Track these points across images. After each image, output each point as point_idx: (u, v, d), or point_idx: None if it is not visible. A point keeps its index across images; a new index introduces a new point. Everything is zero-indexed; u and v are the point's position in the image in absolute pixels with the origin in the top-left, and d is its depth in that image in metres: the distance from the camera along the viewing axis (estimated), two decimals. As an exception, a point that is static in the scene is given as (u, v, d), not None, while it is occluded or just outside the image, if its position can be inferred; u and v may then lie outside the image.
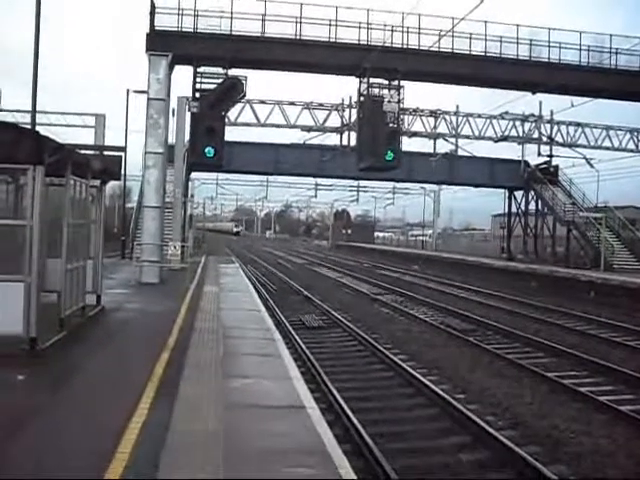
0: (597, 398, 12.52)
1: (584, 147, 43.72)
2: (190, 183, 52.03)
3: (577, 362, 16.27)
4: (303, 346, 16.74)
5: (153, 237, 26.62)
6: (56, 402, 8.02)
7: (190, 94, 28.70)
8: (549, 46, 31.36)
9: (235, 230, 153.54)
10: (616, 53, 31.99)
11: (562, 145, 44.11)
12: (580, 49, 31.79)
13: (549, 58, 31.36)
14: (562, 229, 47.33)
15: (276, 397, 8.57)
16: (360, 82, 30.62)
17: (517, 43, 31.09)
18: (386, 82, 30.30)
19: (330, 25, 29.29)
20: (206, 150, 27.77)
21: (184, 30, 28.23)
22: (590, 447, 10.08)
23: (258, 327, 14.48)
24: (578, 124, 43.53)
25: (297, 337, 18.06)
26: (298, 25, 29.11)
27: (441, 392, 12.52)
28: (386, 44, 28.42)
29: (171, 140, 29.52)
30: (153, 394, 8.42)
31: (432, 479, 8.90)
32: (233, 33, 28.51)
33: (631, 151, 44.18)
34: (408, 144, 37.82)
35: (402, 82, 30.25)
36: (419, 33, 29.73)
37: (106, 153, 16.48)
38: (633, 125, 44.83)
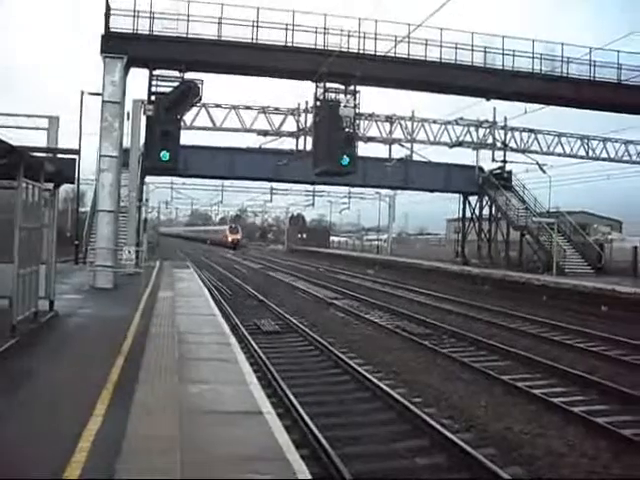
0: (550, 400, 12.69)
1: (537, 153, 44.40)
2: (145, 187, 51.52)
3: (530, 364, 16.47)
4: (259, 351, 16.66)
5: (107, 241, 26.31)
6: (7, 409, 7.86)
7: (145, 97, 28.42)
8: (503, 54, 31.78)
9: (232, 239, 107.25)
10: (567, 62, 32.55)
11: (516, 151, 44.72)
12: (533, 57, 32.27)
13: (503, 65, 31.77)
14: (515, 234, 48.03)
15: (233, 402, 8.52)
16: (316, 87, 30.64)
17: (472, 50, 31.42)
18: (342, 87, 30.36)
19: (287, 29, 29.25)
20: (161, 154, 27.51)
21: (140, 32, 27.92)
22: (544, 448, 10.21)
23: (214, 332, 14.39)
24: (531, 130, 44.18)
25: (253, 342, 17.98)
26: (255, 29, 29.02)
27: (397, 396, 12.55)
28: (342, 49, 28.50)
29: (126, 143, 29.21)
30: (108, 401, 8.31)
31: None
32: (189, 36, 28.30)
33: (582, 157, 45.00)
34: (364, 149, 37.99)
35: (358, 87, 30.34)
36: (375, 39, 29.86)
37: (59, 156, 16.23)
38: (584, 132, 45.75)
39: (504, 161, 45.91)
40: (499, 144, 44.19)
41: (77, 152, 18.67)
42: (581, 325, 23.31)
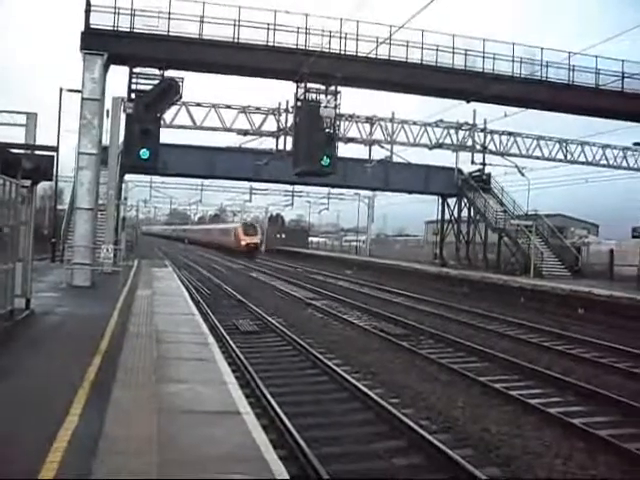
0: (527, 401, 12.77)
1: (516, 156, 44.59)
2: (124, 185, 51.25)
3: (508, 366, 16.56)
4: (237, 351, 16.63)
5: (85, 239, 26.12)
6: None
7: (125, 95, 28.24)
8: (483, 57, 31.94)
9: (247, 242, 79.49)
10: (547, 66, 32.75)
11: (495, 154, 44.87)
12: (513, 60, 32.43)
13: (483, 68, 31.93)
14: (494, 236, 48.25)
15: (211, 402, 8.48)
16: (297, 87, 30.58)
17: (453, 53, 31.53)
18: (323, 87, 30.34)
19: (268, 29, 29.18)
20: (141, 152, 27.31)
21: (120, 30, 27.74)
22: (521, 449, 10.28)
23: (192, 331, 14.32)
24: (510, 133, 44.39)
25: (231, 342, 17.93)
26: (236, 28, 28.93)
27: (375, 396, 12.57)
28: (324, 49, 28.50)
29: (105, 141, 29.01)
30: (84, 401, 8.24)
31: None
32: (170, 34, 28.14)
33: (560, 160, 45.31)
34: (344, 150, 37.95)
35: (339, 88, 30.33)
36: (357, 40, 29.88)
37: (37, 153, 16.09)
38: (562, 136, 46.07)
39: (483, 164, 46.07)
40: (479, 146, 44.34)
41: (55, 149, 18.55)
42: (558, 327, 23.50)
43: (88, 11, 27.23)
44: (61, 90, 35.66)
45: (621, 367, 16.79)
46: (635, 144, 44.34)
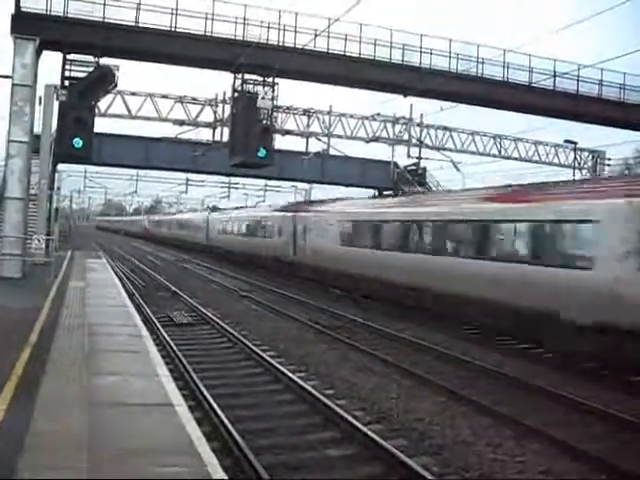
0: (459, 392, 12.99)
1: (451, 151, 45.19)
2: (57, 175, 50.14)
3: (441, 357, 16.80)
4: (171, 343, 16.48)
5: (16, 230, 25.48)
6: None
7: (59, 82, 27.62)
8: (421, 52, 32.20)
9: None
10: (482, 62, 33.24)
11: (431, 148, 45.37)
12: (450, 56, 32.81)
13: (420, 63, 32.19)
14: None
15: (143, 395, 8.41)
16: (235, 78, 30.36)
17: (390, 47, 31.70)
18: (261, 79, 30.21)
19: (206, 19, 28.86)
20: (74, 141, 26.75)
21: (53, 14, 27.06)
22: (453, 438, 10.47)
23: (125, 324, 14.18)
24: (446, 128, 44.99)
25: (165, 334, 17.76)
26: (174, 17, 28.55)
27: (310, 388, 12.62)
28: (262, 41, 28.35)
29: (38, 129, 28.33)
30: (11, 395, 8.06)
31: (301, 475, 8.95)
32: (106, 20, 27.58)
33: (494, 156, 46.14)
34: (281, 142, 37.90)
35: (277, 80, 30.26)
36: (295, 31, 29.77)
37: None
38: (497, 131, 46.94)
39: (419, 157, 46.55)
40: (415, 141, 44.80)
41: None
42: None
43: (19, -7, 26.51)
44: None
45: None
46: (566, 141, 45.51)
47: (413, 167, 48.55)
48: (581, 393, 13.03)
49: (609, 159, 49.67)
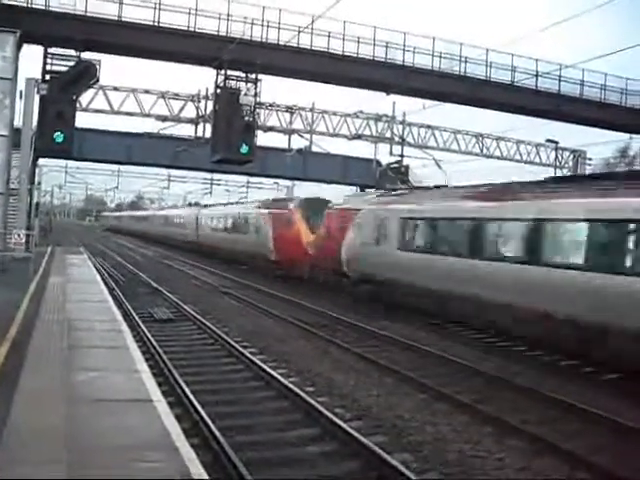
0: (440, 389, 13.04)
1: (433, 149, 45.35)
2: (37, 170, 49.84)
3: (423, 355, 16.85)
4: (152, 339, 16.42)
5: (-6, 224, 25.38)
6: None
7: (40, 76, 27.44)
8: (404, 50, 32.31)
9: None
10: (465, 61, 33.41)
11: (413, 146, 45.51)
12: (433, 55, 32.93)
13: (404, 61, 32.30)
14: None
15: (123, 391, 8.38)
16: (217, 74, 30.34)
17: (374, 45, 31.79)
18: (243, 75, 30.20)
19: (190, 14, 28.82)
20: (55, 135, 26.63)
21: (35, 7, 26.87)
22: (432, 435, 10.50)
23: (106, 319, 14.13)
24: (428, 126, 45.19)
25: (145, 330, 17.69)
26: (157, 11, 28.45)
27: (291, 385, 12.62)
28: (245, 37, 28.33)
29: (18, 123, 28.16)
30: (-11, 388, 8.02)
31: (281, 471, 8.96)
32: (88, 14, 27.44)
33: (477, 155, 46.40)
34: (263, 139, 37.83)
35: (259, 76, 30.24)
36: (279, 28, 29.79)
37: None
38: (479, 130, 47.20)
39: (401, 155, 46.66)
40: (397, 138, 44.90)
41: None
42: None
43: (-1, -16, 26.32)
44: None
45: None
46: (547, 141, 45.83)
47: (396, 165, 48.63)
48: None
49: (590, 159, 50.20)
